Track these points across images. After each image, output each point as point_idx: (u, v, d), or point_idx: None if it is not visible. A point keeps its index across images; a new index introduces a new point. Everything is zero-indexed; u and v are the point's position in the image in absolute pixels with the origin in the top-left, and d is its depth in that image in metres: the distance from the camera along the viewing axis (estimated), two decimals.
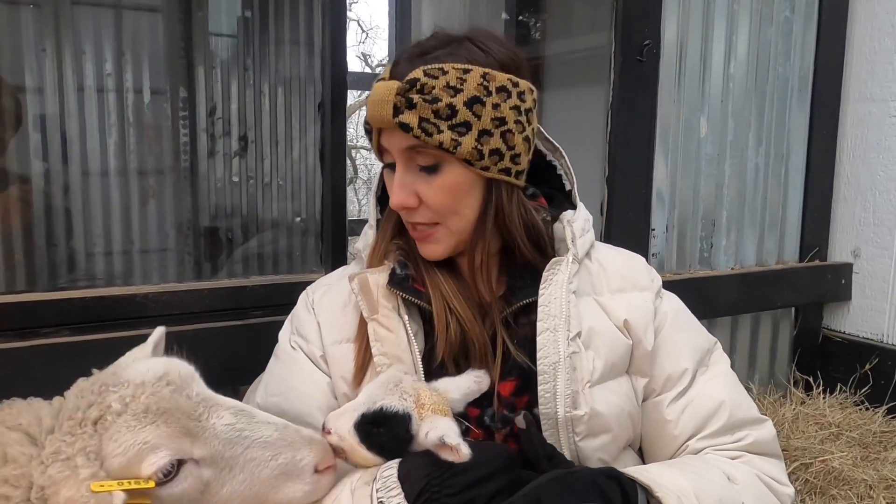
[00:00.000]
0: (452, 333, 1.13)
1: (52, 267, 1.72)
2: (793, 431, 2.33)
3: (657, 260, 2.34)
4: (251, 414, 0.96)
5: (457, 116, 1.05)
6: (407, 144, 1.09)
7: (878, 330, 2.66)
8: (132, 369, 0.94)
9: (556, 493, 0.94)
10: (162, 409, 0.88)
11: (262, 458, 0.93)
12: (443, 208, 1.11)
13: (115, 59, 1.76)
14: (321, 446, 0.98)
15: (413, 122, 1.05)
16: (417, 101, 1.05)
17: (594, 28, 2.73)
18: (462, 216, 1.13)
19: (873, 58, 2.65)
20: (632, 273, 1.24)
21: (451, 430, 0.96)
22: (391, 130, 1.09)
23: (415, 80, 1.05)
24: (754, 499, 1.10)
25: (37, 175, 1.71)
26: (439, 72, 1.06)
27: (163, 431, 0.87)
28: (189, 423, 0.89)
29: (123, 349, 1.54)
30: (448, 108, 1.05)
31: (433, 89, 1.05)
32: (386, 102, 1.06)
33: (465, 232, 1.14)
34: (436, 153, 1.08)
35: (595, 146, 2.31)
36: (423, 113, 1.05)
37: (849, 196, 2.73)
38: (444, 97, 1.05)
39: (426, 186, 1.10)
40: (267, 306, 1.79)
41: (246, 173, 1.98)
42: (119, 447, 0.84)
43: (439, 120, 1.05)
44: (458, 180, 1.10)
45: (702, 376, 1.21)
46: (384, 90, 1.06)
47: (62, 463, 0.84)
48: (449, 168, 1.09)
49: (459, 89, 1.06)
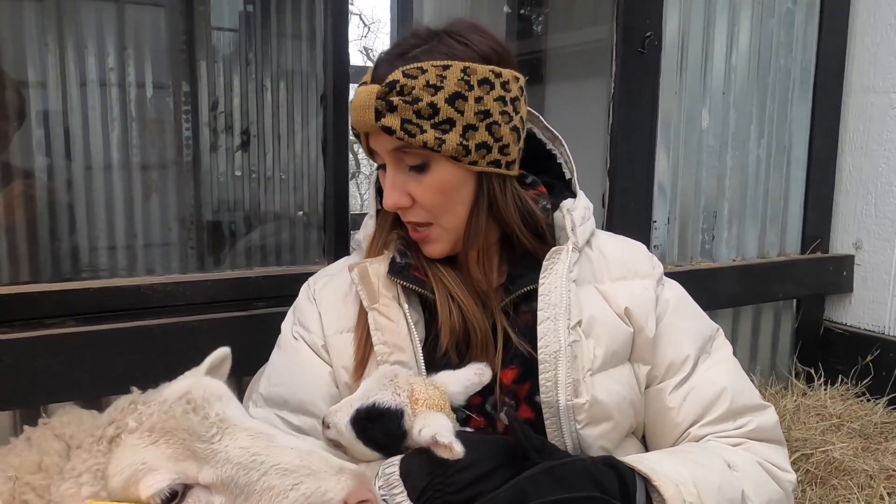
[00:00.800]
0: (455, 322, 1.13)
1: (56, 261, 1.73)
2: (794, 422, 2.33)
3: (659, 252, 2.34)
4: (271, 437, 0.87)
5: (439, 114, 1.06)
6: (392, 146, 1.10)
7: (879, 322, 2.66)
8: (168, 388, 0.91)
9: (546, 484, 0.93)
10: (167, 428, 0.83)
11: (280, 487, 0.82)
12: (435, 207, 1.12)
13: (118, 54, 1.76)
14: (353, 477, 0.84)
15: (395, 125, 1.05)
16: (398, 104, 1.05)
17: (596, 21, 2.73)
18: (454, 213, 1.13)
19: (875, 49, 2.64)
20: (633, 261, 1.25)
21: (443, 427, 0.95)
22: (376, 134, 1.10)
23: (394, 82, 1.06)
24: (754, 485, 1.10)
25: (40, 170, 1.71)
26: (418, 71, 1.06)
27: (163, 452, 0.82)
28: (197, 445, 0.83)
29: (128, 339, 1.56)
30: (429, 107, 1.05)
31: (413, 89, 1.05)
32: (367, 108, 1.07)
33: (460, 228, 1.15)
34: (422, 153, 1.08)
35: (597, 139, 2.31)
36: (404, 115, 1.05)
37: (851, 188, 2.73)
38: (424, 96, 1.05)
39: (417, 186, 1.11)
40: (270, 297, 1.80)
41: (248, 167, 1.99)
42: (118, 466, 0.81)
43: (421, 120, 1.06)
44: (447, 177, 1.10)
45: (703, 363, 1.21)
46: (365, 95, 1.07)
47: (73, 480, 0.82)
48: (437, 166, 1.10)
49: (440, 87, 1.06)
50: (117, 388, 1.58)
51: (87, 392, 1.55)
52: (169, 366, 1.59)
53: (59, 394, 1.52)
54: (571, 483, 0.94)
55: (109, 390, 1.58)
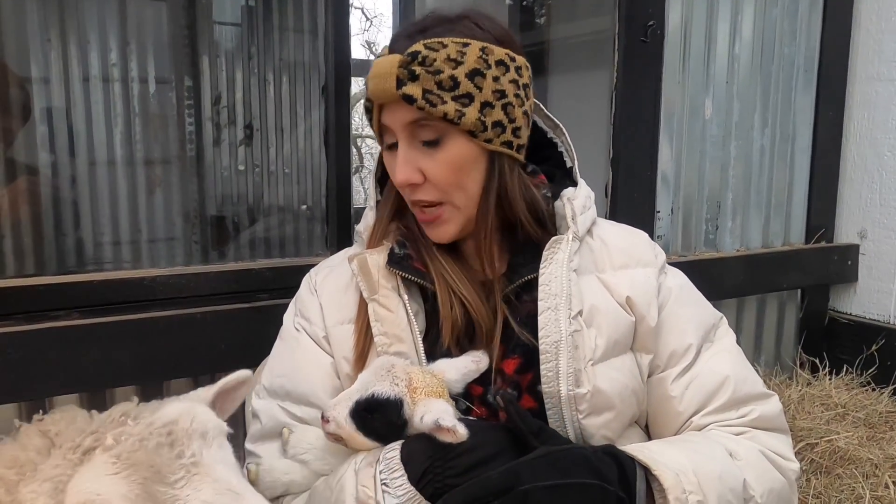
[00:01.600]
0: (457, 317, 1.13)
1: (61, 257, 1.74)
2: (799, 412, 2.34)
3: (662, 242, 2.34)
4: (238, 496, 0.80)
5: (459, 88, 1.06)
6: (410, 118, 1.08)
7: (884, 311, 2.65)
8: (163, 408, 0.86)
9: (542, 469, 0.93)
10: (133, 461, 0.78)
11: None
12: (447, 184, 1.11)
13: (120, 49, 1.77)
14: None
15: (417, 94, 1.05)
16: (420, 73, 1.05)
17: (598, 11, 2.72)
18: (466, 191, 1.13)
19: (880, 37, 2.63)
20: (634, 249, 1.24)
21: (445, 412, 0.95)
22: (393, 105, 1.09)
23: (416, 52, 1.06)
24: (757, 474, 1.09)
25: (43, 166, 1.72)
26: (439, 45, 1.06)
27: (121, 489, 0.77)
28: (157, 488, 0.77)
29: (132, 332, 1.57)
30: (450, 79, 1.05)
31: (434, 61, 1.05)
32: (389, 75, 1.06)
33: (471, 208, 1.14)
34: (439, 126, 1.08)
35: (600, 129, 2.31)
36: (426, 84, 1.05)
37: (855, 177, 2.71)
38: (445, 69, 1.05)
39: (430, 162, 1.10)
40: (273, 289, 1.81)
41: (251, 161, 1.99)
42: (77, 487, 0.77)
43: (442, 91, 1.06)
44: (461, 153, 1.10)
45: (706, 352, 1.21)
46: (386, 64, 1.06)
47: (37, 484, 0.79)
48: (452, 141, 1.09)
49: (460, 62, 1.06)
50: (122, 380, 1.60)
51: (92, 384, 1.56)
52: (173, 358, 1.62)
53: (64, 386, 1.53)
54: (568, 469, 0.94)
55: (114, 382, 1.59)
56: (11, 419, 0.88)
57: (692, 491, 0.99)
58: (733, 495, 1.04)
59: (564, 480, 0.92)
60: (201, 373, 1.69)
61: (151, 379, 1.64)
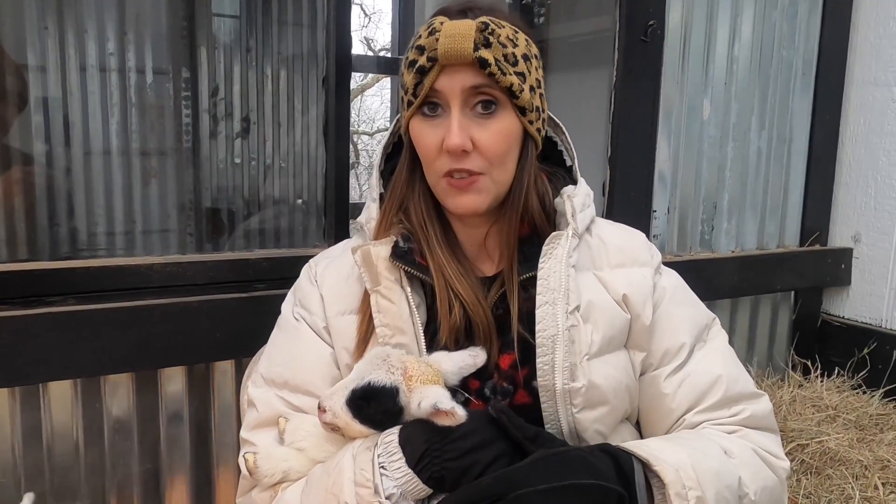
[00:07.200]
0: (456, 317, 1.13)
1: (55, 246, 1.73)
2: (790, 413, 2.35)
3: (658, 241, 2.35)
4: None
5: (518, 65, 1.09)
6: (475, 82, 1.08)
7: (877, 315, 2.67)
8: None
9: (537, 472, 0.93)
10: None
11: None
12: (495, 154, 1.11)
13: (118, 39, 1.76)
14: None
15: (491, 59, 1.07)
16: (493, 42, 1.07)
17: (598, 11, 2.72)
18: (506, 168, 1.14)
19: (878, 42, 2.64)
20: (632, 249, 1.25)
21: (442, 395, 0.96)
22: (458, 68, 1.08)
23: (487, 23, 1.08)
24: (750, 472, 1.10)
25: (38, 155, 1.71)
26: (500, 24, 1.10)
27: None
28: None
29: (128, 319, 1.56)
30: (512, 55, 1.09)
31: (500, 36, 1.08)
32: (466, 37, 1.06)
33: (505, 185, 1.15)
34: (498, 96, 1.09)
35: (598, 128, 2.31)
36: (496, 53, 1.07)
37: (850, 181, 2.73)
38: (508, 45, 1.09)
39: (483, 131, 1.10)
40: (270, 279, 1.81)
41: (248, 154, 1.99)
42: None
43: (507, 64, 1.09)
44: (510, 127, 1.12)
45: (699, 351, 1.22)
46: (463, 26, 1.07)
47: None
48: (504, 114, 1.11)
49: (516, 43, 1.10)
50: (116, 367, 1.59)
51: (86, 371, 1.56)
52: (168, 346, 1.62)
53: (59, 372, 1.53)
54: (564, 471, 0.94)
55: (109, 369, 1.59)
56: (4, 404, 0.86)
57: (692, 487, 1.00)
58: (729, 492, 1.04)
59: (561, 483, 0.92)
60: (196, 361, 1.69)
61: (146, 366, 1.64)
